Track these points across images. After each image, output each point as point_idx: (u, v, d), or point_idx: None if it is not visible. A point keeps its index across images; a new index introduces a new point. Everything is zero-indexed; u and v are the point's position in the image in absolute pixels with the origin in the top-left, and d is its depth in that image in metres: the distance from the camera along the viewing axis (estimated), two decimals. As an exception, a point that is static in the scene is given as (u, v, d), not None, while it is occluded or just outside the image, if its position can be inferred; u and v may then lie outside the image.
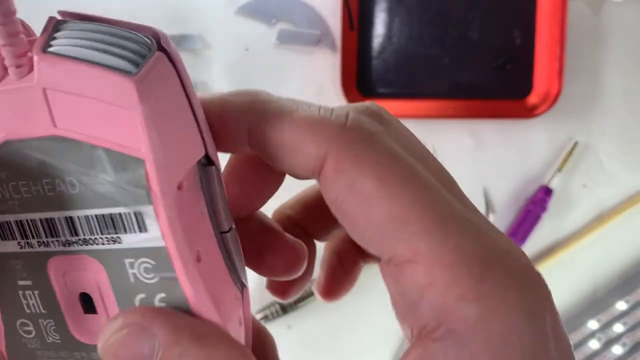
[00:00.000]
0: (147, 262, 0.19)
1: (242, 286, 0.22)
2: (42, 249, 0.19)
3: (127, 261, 0.19)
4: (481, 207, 0.57)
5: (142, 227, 0.18)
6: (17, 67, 0.17)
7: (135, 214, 0.18)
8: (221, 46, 0.55)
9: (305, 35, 0.55)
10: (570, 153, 0.56)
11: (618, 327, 0.57)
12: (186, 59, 0.63)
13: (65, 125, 0.17)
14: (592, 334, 0.57)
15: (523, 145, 0.56)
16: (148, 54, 0.17)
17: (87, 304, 0.20)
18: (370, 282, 0.57)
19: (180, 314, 0.19)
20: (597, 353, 0.57)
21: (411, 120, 0.56)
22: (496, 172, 0.57)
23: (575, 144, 0.56)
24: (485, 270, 0.17)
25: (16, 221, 0.19)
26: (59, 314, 0.20)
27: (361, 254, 0.25)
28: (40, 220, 0.19)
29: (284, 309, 0.57)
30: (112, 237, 0.19)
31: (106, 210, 0.18)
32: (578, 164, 0.57)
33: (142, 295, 0.19)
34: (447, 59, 0.55)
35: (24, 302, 0.20)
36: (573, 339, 0.57)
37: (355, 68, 0.54)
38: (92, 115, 0.17)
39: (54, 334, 0.20)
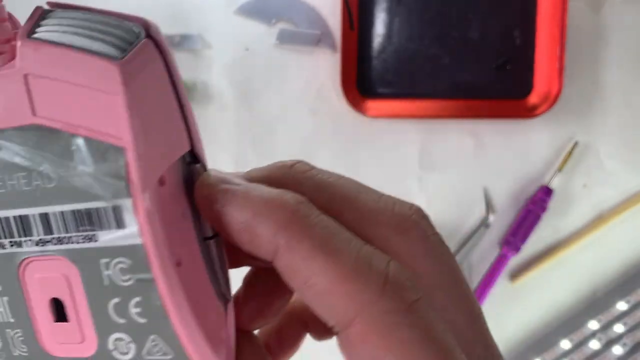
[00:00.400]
0: (122, 262, 0.17)
1: (225, 300, 0.20)
2: (15, 249, 0.18)
3: (102, 261, 0.18)
4: (481, 207, 0.57)
5: (119, 223, 0.17)
6: (1, 53, 0.16)
7: (113, 208, 0.17)
8: (221, 46, 0.55)
9: (305, 35, 0.55)
10: (570, 153, 0.56)
11: (618, 328, 0.57)
12: (186, 59, 0.63)
13: (45, 114, 0.17)
14: (593, 334, 0.57)
15: (523, 145, 0.56)
16: (135, 41, 0.17)
17: (59, 311, 0.19)
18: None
19: None
20: (597, 353, 0.57)
21: (411, 120, 0.56)
22: (496, 172, 0.57)
23: (576, 144, 0.56)
24: None
25: None
26: (27, 323, 0.19)
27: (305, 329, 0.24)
28: (14, 217, 0.18)
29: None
30: (88, 235, 0.18)
31: (82, 205, 0.17)
32: (578, 164, 0.57)
33: (116, 300, 0.18)
34: (447, 59, 0.55)
35: None
36: (573, 339, 0.57)
37: (355, 68, 0.54)
38: (74, 102, 0.16)
39: (22, 345, 0.19)
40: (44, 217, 0.18)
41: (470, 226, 0.57)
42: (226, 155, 0.55)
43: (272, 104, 0.56)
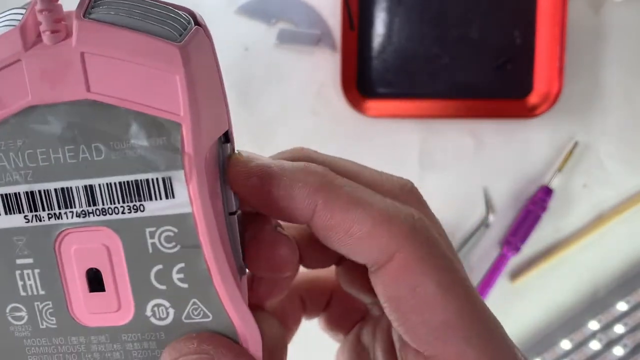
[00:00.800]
0: (169, 230, 0.19)
1: (242, 272, 0.22)
2: (52, 221, 0.19)
3: (147, 230, 0.19)
4: (481, 207, 0.57)
5: (169, 193, 0.18)
6: (53, 32, 0.17)
7: (164, 179, 0.18)
8: (221, 46, 0.55)
9: (305, 35, 0.55)
10: (570, 153, 0.56)
11: (619, 328, 0.57)
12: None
13: (99, 90, 0.18)
14: (593, 335, 0.57)
15: (523, 145, 0.56)
16: (188, 26, 0.18)
17: (93, 281, 0.20)
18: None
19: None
20: (598, 354, 0.57)
21: (411, 120, 0.56)
22: (496, 172, 0.57)
23: (576, 144, 0.56)
24: None
25: (27, 192, 0.19)
26: (59, 294, 0.20)
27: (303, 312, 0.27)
28: (56, 190, 0.19)
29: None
30: (135, 205, 0.19)
31: (132, 177, 0.18)
32: (578, 164, 0.56)
33: (159, 267, 0.19)
34: (447, 58, 0.55)
35: (20, 283, 0.19)
36: (574, 339, 0.57)
37: (355, 68, 0.54)
38: (130, 80, 0.17)
39: (50, 317, 0.20)
40: (88, 189, 0.19)
41: (470, 226, 0.57)
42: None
43: (272, 103, 0.56)
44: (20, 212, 0.19)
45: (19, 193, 0.19)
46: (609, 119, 0.56)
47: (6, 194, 0.19)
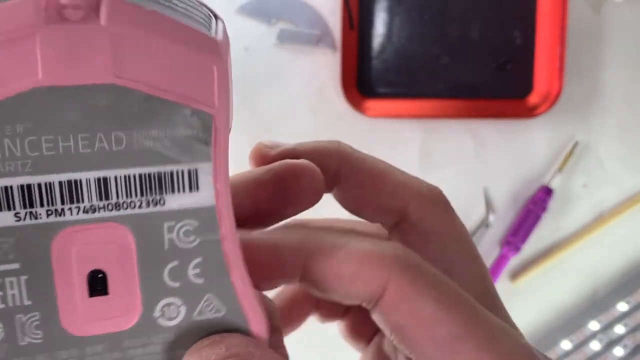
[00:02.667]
0: (189, 224, 0.18)
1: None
2: (52, 219, 0.17)
3: (166, 225, 0.18)
4: (481, 207, 0.57)
5: (193, 186, 0.18)
6: (75, 8, 0.15)
7: (189, 171, 0.17)
8: (221, 46, 0.55)
9: (305, 35, 0.55)
10: (570, 153, 0.56)
11: (619, 329, 0.57)
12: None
13: (127, 75, 0.16)
14: (593, 335, 0.57)
15: (523, 145, 0.56)
16: (211, 19, 0.18)
17: (94, 284, 0.18)
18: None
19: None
20: (598, 354, 0.57)
21: (411, 120, 0.56)
22: (496, 172, 0.57)
23: (576, 143, 0.56)
24: None
25: (22, 186, 0.16)
26: (51, 303, 0.17)
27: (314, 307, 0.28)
28: (61, 183, 0.17)
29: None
30: (155, 199, 0.17)
31: (154, 169, 0.17)
32: (578, 164, 0.56)
33: (174, 264, 0.18)
34: (447, 58, 0.55)
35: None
36: (574, 340, 0.57)
37: (355, 68, 0.54)
38: (160, 67, 0.16)
39: (35, 331, 0.17)
40: (101, 182, 0.17)
41: (471, 226, 0.57)
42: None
43: (272, 103, 0.56)
44: (9, 209, 0.16)
45: (11, 187, 0.16)
46: (609, 119, 0.56)
47: None
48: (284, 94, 0.56)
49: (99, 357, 0.18)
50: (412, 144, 0.56)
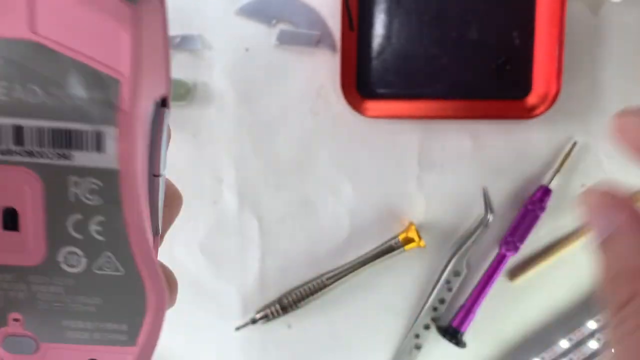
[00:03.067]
0: (94, 183, 0.19)
1: (156, 232, 0.22)
2: None
3: (72, 179, 0.19)
4: (480, 207, 0.57)
5: (99, 147, 0.18)
6: None
7: (97, 133, 0.18)
8: (221, 47, 0.55)
9: (305, 35, 0.55)
10: (569, 153, 0.56)
11: (617, 327, 0.57)
12: (186, 60, 0.63)
13: (45, 33, 0.17)
14: (592, 334, 0.57)
15: (522, 146, 0.57)
16: None
17: (7, 219, 0.19)
18: (371, 282, 0.57)
19: None
20: (596, 353, 0.57)
21: (410, 120, 0.56)
22: (495, 172, 0.57)
23: (575, 144, 0.56)
24: None
25: None
26: None
27: None
28: None
29: (284, 309, 0.57)
30: (63, 153, 0.19)
31: (64, 125, 0.18)
32: (577, 164, 0.57)
33: (78, 216, 0.19)
34: (446, 59, 0.55)
35: None
36: (572, 339, 0.57)
37: (355, 68, 0.55)
38: (77, 29, 0.17)
39: None
40: (17, 130, 0.18)
41: (469, 226, 0.57)
42: (226, 156, 0.56)
43: (272, 104, 0.56)
44: None
45: None
46: (608, 119, 0.56)
47: None
48: (283, 94, 0.56)
49: (7, 285, 0.20)
50: (411, 144, 0.56)
